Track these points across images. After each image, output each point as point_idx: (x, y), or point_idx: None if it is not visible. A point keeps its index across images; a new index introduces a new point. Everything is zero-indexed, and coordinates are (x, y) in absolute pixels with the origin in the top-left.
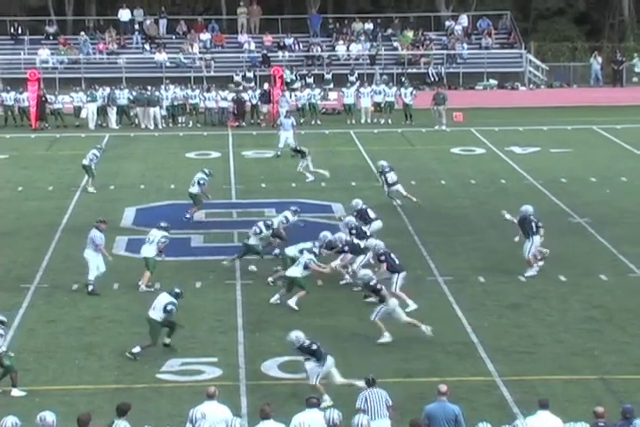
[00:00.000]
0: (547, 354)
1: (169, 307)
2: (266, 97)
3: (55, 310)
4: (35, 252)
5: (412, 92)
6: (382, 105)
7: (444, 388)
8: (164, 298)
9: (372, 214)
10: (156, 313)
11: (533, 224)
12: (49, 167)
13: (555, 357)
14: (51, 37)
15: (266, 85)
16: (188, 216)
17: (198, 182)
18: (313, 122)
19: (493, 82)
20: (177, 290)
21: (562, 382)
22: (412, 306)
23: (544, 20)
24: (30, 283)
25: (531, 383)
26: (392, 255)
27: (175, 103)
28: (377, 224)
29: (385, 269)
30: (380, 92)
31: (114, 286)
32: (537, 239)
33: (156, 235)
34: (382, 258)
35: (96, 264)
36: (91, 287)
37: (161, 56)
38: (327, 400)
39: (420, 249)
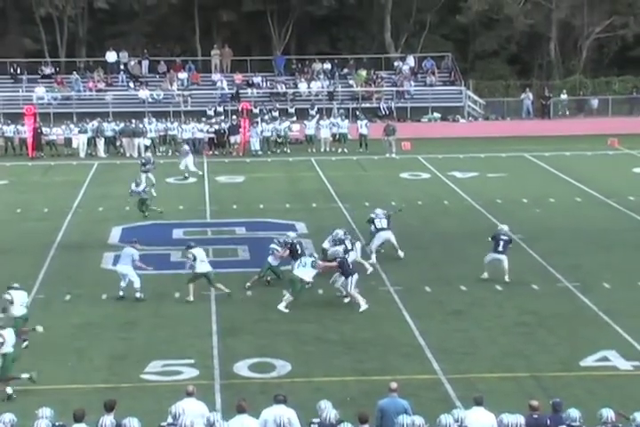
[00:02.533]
0: (485, 354)
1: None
2: (235, 129)
3: (50, 318)
4: (32, 266)
5: (366, 124)
6: (337, 136)
7: (394, 385)
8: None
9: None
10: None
11: (501, 242)
12: (44, 191)
13: (492, 357)
14: (46, 77)
15: (235, 118)
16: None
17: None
18: (280, 151)
19: (437, 115)
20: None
21: (498, 380)
22: (364, 306)
23: (481, 61)
24: (28, 294)
25: (471, 381)
26: (348, 261)
27: (156, 135)
28: (353, 254)
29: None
30: (336, 125)
31: (102, 296)
32: (495, 255)
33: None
34: (338, 261)
35: (136, 275)
36: (139, 295)
37: (143, 93)
38: (364, 305)
39: (373, 262)
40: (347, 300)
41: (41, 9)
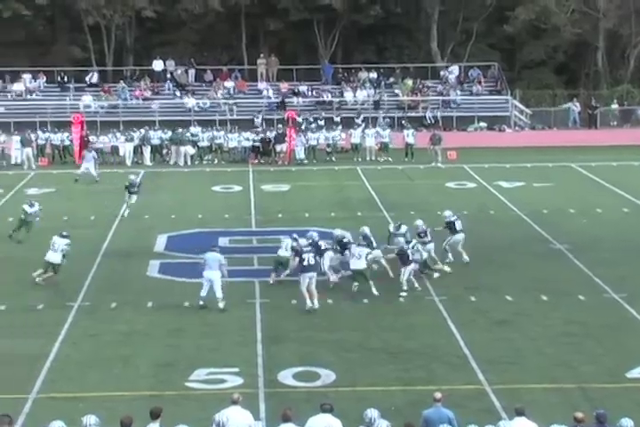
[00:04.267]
0: (530, 365)
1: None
2: (281, 137)
3: (96, 326)
4: (78, 274)
5: (413, 133)
6: (381, 145)
7: (439, 395)
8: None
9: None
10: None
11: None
12: (91, 199)
13: (537, 367)
14: (93, 85)
15: (280, 127)
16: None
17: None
18: (328, 159)
19: (483, 124)
20: (64, 233)
21: (544, 391)
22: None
23: (528, 70)
24: (74, 301)
25: (516, 391)
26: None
27: (208, 143)
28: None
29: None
30: (380, 134)
31: (148, 303)
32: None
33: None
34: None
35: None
36: (222, 304)
37: (190, 101)
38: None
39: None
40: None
41: (89, 18)
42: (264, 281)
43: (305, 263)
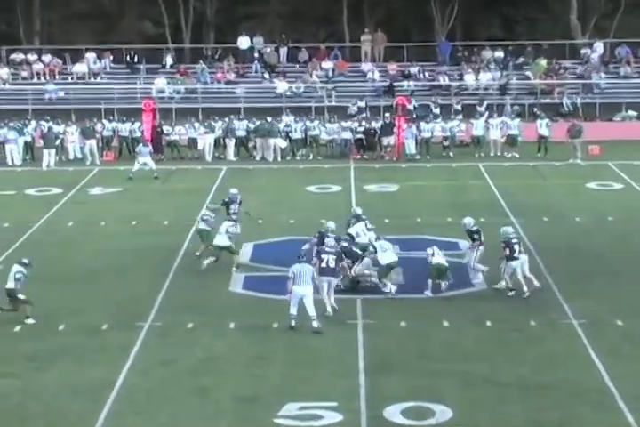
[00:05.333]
0: None
1: (17, 275)
2: (388, 128)
3: (169, 350)
4: (149, 289)
5: (547, 124)
6: (508, 138)
7: None
8: (15, 268)
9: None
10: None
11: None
12: (164, 201)
13: None
14: (167, 66)
15: (388, 116)
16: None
17: (202, 219)
18: (445, 154)
19: (633, 113)
20: (25, 260)
21: None
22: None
23: None
24: (144, 321)
25: None
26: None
27: (301, 135)
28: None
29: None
30: (506, 124)
31: (230, 325)
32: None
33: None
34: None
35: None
36: (317, 324)
37: (281, 85)
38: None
39: (554, 290)
40: (510, 293)
41: None
42: (368, 299)
43: (323, 265)
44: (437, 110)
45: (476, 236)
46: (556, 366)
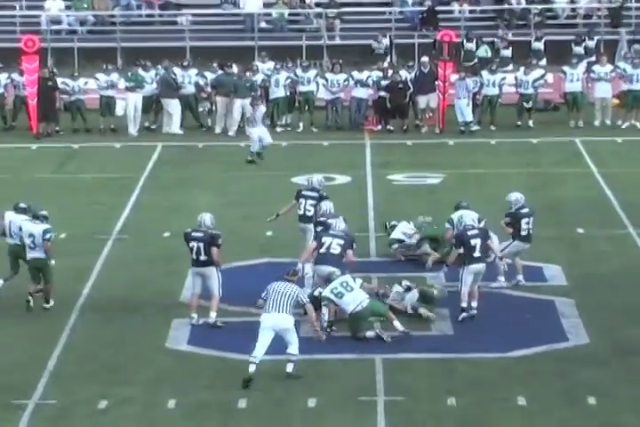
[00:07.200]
0: None
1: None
2: (426, 81)
3: None
4: (37, 343)
5: None
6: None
7: None
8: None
9: None
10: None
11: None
12: (60, 201)
13: None
14: None
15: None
16: None
17: None
18: (520, 122)
19: None
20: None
21: None
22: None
23: None
24: (27, 397)
25: None
26: None
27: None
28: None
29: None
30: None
31: (167, 402)
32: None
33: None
34: None
35: None
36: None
37: (251, 6)
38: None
39: None
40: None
41: None
42: (391, 359)
43: (322, 250)
44: (508, 52)
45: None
46: None
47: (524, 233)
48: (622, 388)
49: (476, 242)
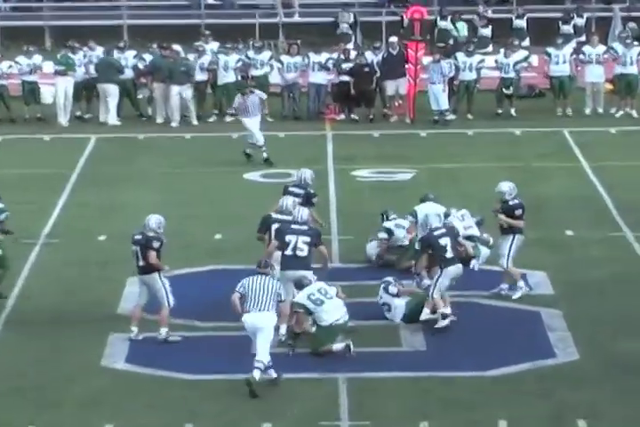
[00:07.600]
0: None
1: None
2: (394, 65)
3: None
4: None
5: None
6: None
7: None
8: None
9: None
10: None
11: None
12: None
13: None
14: None
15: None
16: None
17: None
18: (500, 111)
19: None
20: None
21: None
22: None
23: None
24: None
25: None
26: None
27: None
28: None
29: None
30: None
31: None
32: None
33: None
34: None
35: None
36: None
37: None
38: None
39: None
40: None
41: None
42: (356, 378)
43: (288, 252)
44: (487, 31)
45: (517, 213)
46: None
47: None
48: (615, 410)
49: (446, 241)
